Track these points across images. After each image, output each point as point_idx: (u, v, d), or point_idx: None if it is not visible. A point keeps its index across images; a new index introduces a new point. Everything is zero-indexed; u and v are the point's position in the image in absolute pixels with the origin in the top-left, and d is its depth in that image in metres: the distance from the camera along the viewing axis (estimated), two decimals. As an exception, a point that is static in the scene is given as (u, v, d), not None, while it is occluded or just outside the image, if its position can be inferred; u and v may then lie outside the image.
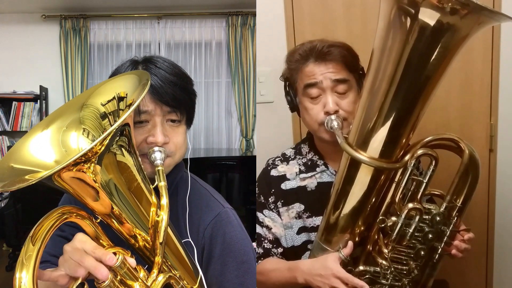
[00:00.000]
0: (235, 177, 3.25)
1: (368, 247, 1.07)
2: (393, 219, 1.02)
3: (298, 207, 1.21)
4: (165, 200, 0.76)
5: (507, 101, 1.69)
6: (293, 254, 1.21)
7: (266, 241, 1.21)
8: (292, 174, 1.24)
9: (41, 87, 3.93)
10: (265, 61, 1.68)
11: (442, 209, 1.03)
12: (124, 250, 0.74)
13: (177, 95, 0.89)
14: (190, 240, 0.91)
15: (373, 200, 1.04)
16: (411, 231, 1.01)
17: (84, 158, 0.65)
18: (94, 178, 0.68)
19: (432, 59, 0.89)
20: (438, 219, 1.02)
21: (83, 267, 0.69)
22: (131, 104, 0.79)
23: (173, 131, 0.91)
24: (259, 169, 1.31)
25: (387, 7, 0.91)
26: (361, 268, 1.06)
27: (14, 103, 3.92)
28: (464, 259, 1.09)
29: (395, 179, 1.03)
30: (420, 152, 1.01)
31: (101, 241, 0.76)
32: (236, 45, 4.05)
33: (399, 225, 1.01)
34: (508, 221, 1.74)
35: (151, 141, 0.87)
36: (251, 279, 0.93)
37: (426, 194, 1.05)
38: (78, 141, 0.83)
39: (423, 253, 1.03)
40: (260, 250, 1.21)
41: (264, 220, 1.22)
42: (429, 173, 1.02)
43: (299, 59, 1.16)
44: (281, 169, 1.25)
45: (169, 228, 0.82)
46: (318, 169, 1.23)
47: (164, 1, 3.90)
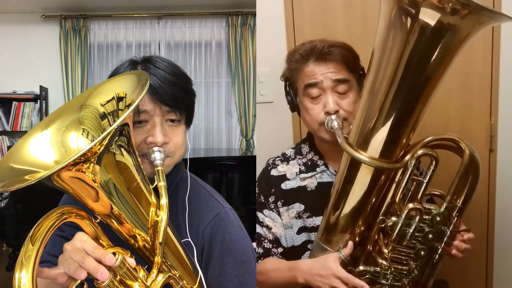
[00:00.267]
0: (235, 177, 3.25)
1: (368, 247, 1.07)
2: (393, 219, 1.02)
3: (298, 207, 1.21)
4: (164, 200, 0.76)
5: (507, 101, 1.69)
6: (293, 254, 1.21)
7: (266, 241, 1.21)
8: (292, 174, 1.24)
9: (41, 87, 3.93)
10: (265, 61, 1.68)
11: (442, 209, 1.03)
12: (124, 250, 0.74)
13: (176, 95, 0.88)
14: (189, 240, 0.91)
15: (373, 200, 1.04)
16: (411, 231, 1.01)
17: (83, 158, 0.65)
18: (93, 178, 0.68)
19: (433, 59, 0.89)
20: (438, 219, 1.02)
21: (84, 268, 0.69)
22: (130, 104, 0.78)
23: (173, 131, 0.91)
24: (259, 169, 1.31)
25: (388, 7, 0.91)
26: (361, 268, 1.06)
27: (14, 103, 3.93)
28: (464, 259, 1.09)
29: (395, 179, 1.03)
30: (420, 152, 1.01)
31: (101, 241, 0.75)
32: (236, 45, 4.05)
33: (399, 225, 1.01)
34: (508, 221, 1.74)
35: (151, 141, 0.87)
36: (251, 279, 0.93)
37: (426, 194, 1.05)
38: (77, 141, 0.82)
39: (423, 253, 1.03)
40: (260, 250, 1.21)
41: (264, 220, 1.22)
42: (429, 173, 1.02)
43: (300, 59, 1.15)
44: (281, 169, 1.25)
45: (168, 228, 0.82)
46: (318, 169, 1.22)
47: (164, 1, 3.90)
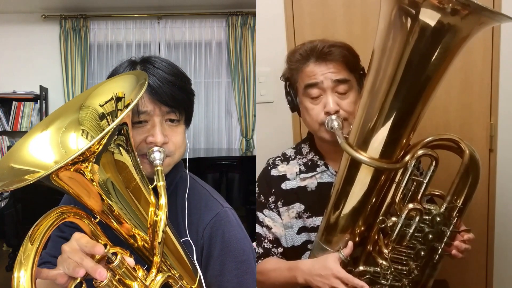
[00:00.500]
0: (235, 177, 3.25)
1: (368, 247, 1.07)
2: (393, 219, 1.02)
3: (298, 207, 1.21)
4: (163, 200, 0.76)
5: (507, 101, 1.69)
6: (293, 254, 1.21)
7: (266, 241, 1.21)
8: (292, 174, 1.24)
9: (41, 87, 3.93)
10: (265, 61, 1.68)
11: (442, 209, 1.03)
12: (123, 249, 0.75)
13: (175, 95, 0.88)
14: (189, 239, 0.91)
15: (373, 200, 1.04)
16: (411, 231, 1.01)
17: (82, 158, 0.65)
18: (91, 177, 0.68)
19: (433, 59, 0.89)
20: (439, 219, 1.02)
21: (83, 267, 0.69)
22: (129, 104, 0.79)
23: (172, 131, 0.91)
24: (259, 169, 1.31)
25: (388, 8, 0.91)
26: (361, 269, 1.06)
27: (14, 103, 3.92)
28: (464, 259, 1.09)
29: (396, 179, 1.03)
30: (420, 152, 1.01)
31: (100, 241, 0.75)
32: (236, 45, 4.05)
33: (399, 225, 1.01)
34: (508, 221, 1.74)
35: (151, 141, 0.87)
36: (250, 279, 0.93)
37: (426, 195, 1.05)
38: (77, 142, 0.83)
39: (423, 253, 1.03)
40: (260, 250, 1.21)
41: (264, 220, 1.22)
42: (430, 174, 1.02)
43: (300, 59, 1.15)
44: (282, 169, 1.25)
45: (167, 228, 0.82)
46: (318, 169, 1.22)
47: (164, 1, 3.90)
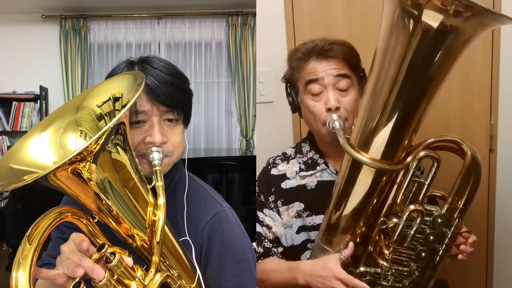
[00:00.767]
0: (235, 177, 3.25)
1: (369, 248, 1.07)
2: (394, 220, 1.02)
3: (298, 206, 1.21)
4: (162, 200, 0.77)
5: (507, 101, 1.69)
6: (293, 253, 1.21)
7: (266, 240, 1.21)
8: (292, 173, 1.24)
9: (41, 87, 3.93)
10: (265, 61, 1.68)
11: (443, 210, 1.03)
12: (122, 249, 0.75)
13: (173, 94, 0.89)
14: (188, 238, 0.91)
15: (375, 201, 1.04)
16: (412, 232, 1.01)
17: (79, 157, 0.65)
18: (89, 176, 0.69)
19: (435, 61, 0.89)
20: (440, 220, 1.02)
21: (81, 267, 0.69)
22: (126, 104, 0.79)
23: (171, 130, 0.91)
24: (259, 169, 1.31)
25: (391, 9, 0.91)
26: (361, 269, 1.06)
27: (14, 103, 3.93)
28: (464, 259, 1.09)
29: (397, 180, 1.02)
30: (422, 153, 1.01)
31: (99, 241, 0.76)
32: (236, 45, 4.05)
33: (401, 226, 1.01)
34: (508, 221, 1.74)
35: (149, 141, 0.87)
36: (250, 278, 0.94)
37: (427, 195, 1.05)
38: (76, 143, 0.83)
39: (424, 254, 1.03)
40: (260, 250, 1.21)
41: (264, 219, 1.22)
42: (431, 175, 1.02)
43: (301, 57, 1.16)
44: (282, 168, 1.25)
45: (166, 228, 0.82)
46: (318, 167, 1.22)
47: (164, 1, 3.90)
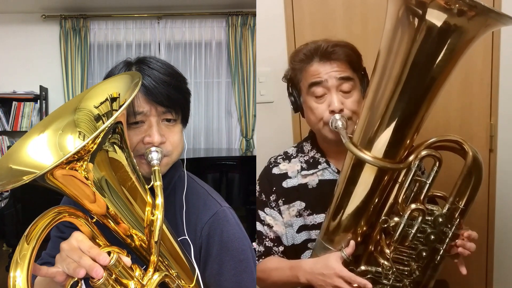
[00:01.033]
0: (235, 177, 3.25)
1: (370, 247, 1.07)
2: (395, 219, 1.02)
3: (299, 205, 1.21)
4: (160, 200, 0.77)
5: (507, 101, 1.69)
6: (293, 252, 1.21)
7: (267, 239, 1.21)
8: (294, 172, 1.24)
9: (41, 87, 3.93)
10: (265, 61, 1.68)
11: (444, 210, 1.03)
12: (120, 249, 0.75)
13: (171, 94, 0.89)
14: (187, 237, 0.91)
15: (376, 200, 1.04)
16: (413, 232, 1.01)
17: (76, 157, 0.66)
18: (86, 175, 0.69)
19: (438, 60, 0.89)
20: (441, 220, 1.02)
21: (82, 267, 0.69)
22: (124, 104, 0.79)
23: (169, 130, 0.91)
24: (259, 169, 1.31)
25: (395, 8, 0.91)
26: (362, 268, 1.06)
27: (14, 103, 3.93)
28: (464, 259, 1.09)
29: (399, 179, 1.03)
30: (424, 153, 1.01)
31: (97, 241, 0.76)
32: (236, 45, 4.05)
33: (402, 225, 1.01)
34: (508, 221, 1.74)
35: (148, 141, 0.87)
36: (249, 278, 0.94)
37: (427, 196, 1.05)
38: (74, 144, 0.83)
39: (424, 254, 1.03)
40: (261, 249, 1.21)
41: (266, 219, 1.22)
42: (433, 174, 1.02)
43: (304, 58, 1.16)
44: (283, 167, 1.25)
45: (165, 227, 0.82)
46: (319, 166, 1.23)
47: (164, 1, 3.90)
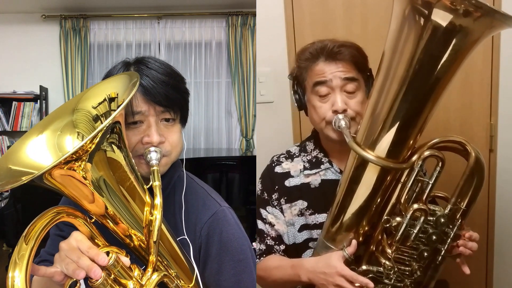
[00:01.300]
0: (235, 177, 3.25)
1: (372, 247, 1.07)
2: (397, 219, 1.02)
3: (301, 204, 1.21)
4: (158, 200, 0.77)
5: (507, 101, 1.69)
6: (294, 251, 1.21)
7: (268, 237, 1.21)
8: (296, 171, 1.24)
9: (41, 87, 3.93)
10: (265, 61, 1.68)
11: (446, 211, 1.03)
12: (119, 249, 0.75)
13: (169, 94, 0.89)
14: (186, 237, 0.91)
15: (379, 200, 1.04)
16: (415, 232, 1.01)
17: (75, 157, 0.66)
18: (84, 175, 0.69)
19: (443, 61, 0.89)
20: (443, 220, 1.02)
21: (81, 268, 0.69)
22: (122, 104, 0.79)
23: (168, 130, 0.91)
24: (259, 169, 1.31)
25: (401, 8, 0.91)
26: (364, 268, 1.06)
27: (14, 103, 3.93)
28: (464, 259, 1.09)
29: (401, 179, 1.03)
30: (427, 153, 1.01)
31: (96, 241, 0.76)
32: (236, 45, 4.06)
33: (404, 225, 1.01)
34: (508, 221, 1.74)
35: (147, 141, 0.87)
36: (249, 278, 0.94)
37: (429, 196, 1.05)
38: (73, 144, 0.83)
39: (426, 254, 1.03)
40: (263, 247, 1.21)
41: (267, 217, 1.22)
42: (435, 175, 1.02)
43: (310, 57, 1.16)
44: (286, 166, 1.25)
45: (164, 227, 0.82)
46: (322, 166, 1.23)
47: (164, 1, 3.90)
